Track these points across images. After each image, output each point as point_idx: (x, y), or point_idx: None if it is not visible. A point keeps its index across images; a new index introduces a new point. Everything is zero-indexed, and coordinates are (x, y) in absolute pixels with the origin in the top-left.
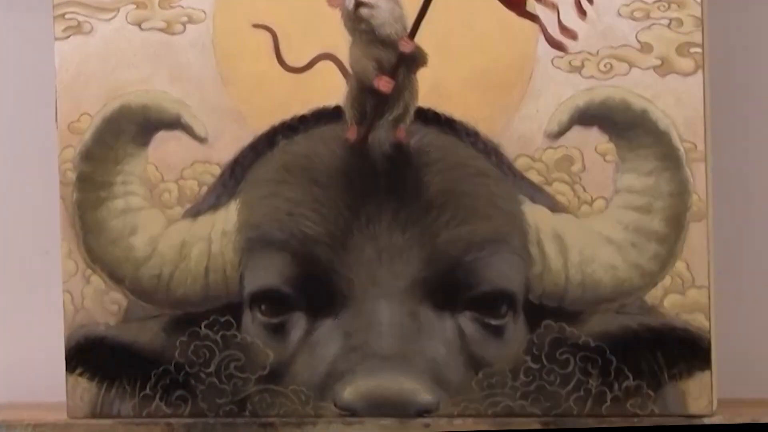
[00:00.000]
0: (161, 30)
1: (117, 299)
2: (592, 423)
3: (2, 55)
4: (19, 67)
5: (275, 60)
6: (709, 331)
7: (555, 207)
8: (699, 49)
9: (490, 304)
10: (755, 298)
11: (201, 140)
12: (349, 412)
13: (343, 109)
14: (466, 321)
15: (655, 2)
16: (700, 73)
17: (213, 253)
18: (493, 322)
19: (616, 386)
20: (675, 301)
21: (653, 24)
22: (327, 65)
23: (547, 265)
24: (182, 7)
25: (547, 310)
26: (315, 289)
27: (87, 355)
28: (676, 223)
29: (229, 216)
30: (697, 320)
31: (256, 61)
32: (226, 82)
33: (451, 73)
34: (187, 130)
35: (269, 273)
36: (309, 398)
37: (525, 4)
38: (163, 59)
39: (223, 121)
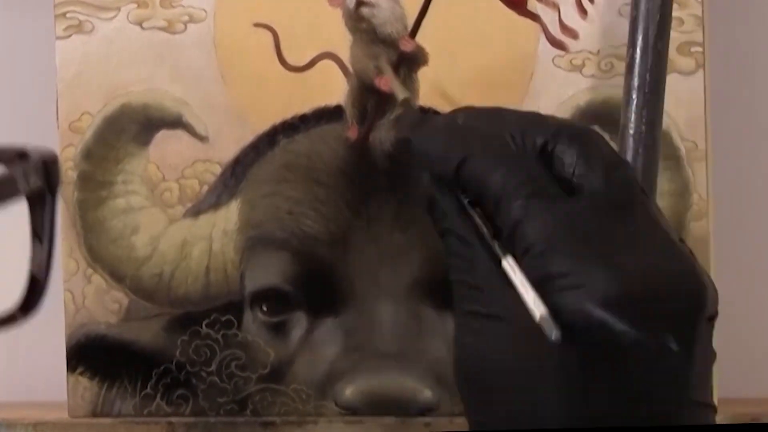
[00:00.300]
0: (162, 29)
1: (118, 298)
2: None
3: (3, 54)
4: (19, 66)
5: (276, 59)
6: None
7: None
8: (700, 49)
9: None
10: (755, 298)
11: (202, 139)
12: (350, 411)
13: (344, 108)
14: None
15: None
16: (700, 72)
17: (214, 252)
18: None
19: None
20: None
21: None
22: (328, 64)
23: None
24: (183, 6)
25: None
26: (316, 288)
27: (88, 354)
28: (677, 222)
29: (230, 215)
30: None
31: (257, 61)
32: (227, 81)
33: (452, 72)
34: (188, 129)
35: (270, 272)
36: (310, 397)
37: (526, 3)
38: (164, 58)
39: (224, 120)
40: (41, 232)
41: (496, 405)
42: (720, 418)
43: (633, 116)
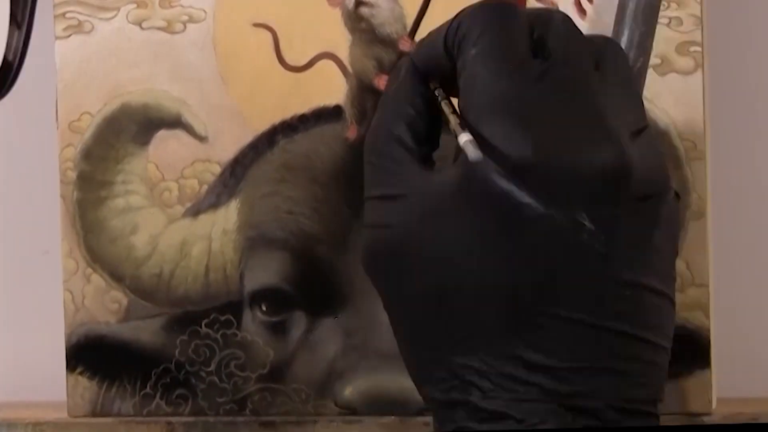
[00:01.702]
0: (162, 29)
1: (117, 298)
2: None
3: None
4: (19, 66)
5: (275, 59)
6: (709, 330)
7: None
8: (699, 48)
9: None
10: (755, 297)
11: (201, 139)
12: (350, 410)
13: (343, 108)
14: None
15: None
16: (699, 72)
17: (213, 252)
18: None
19: None
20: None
21: None
22: (327, 64)
23: None
24: (183, 6)
25: None
26: (315, 287)
27: (87, 353)
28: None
29: (229, 215)
30: (696, 318)
31: (256, 60)
32: (227, 81)
33: None
34: (188, 129)
35: (269, 272)
36: (309, 397)
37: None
38: (163, 58)
39: (224, 120)
40: (20, 18)
41: (406, 282)
42: (719, 418)
43: None
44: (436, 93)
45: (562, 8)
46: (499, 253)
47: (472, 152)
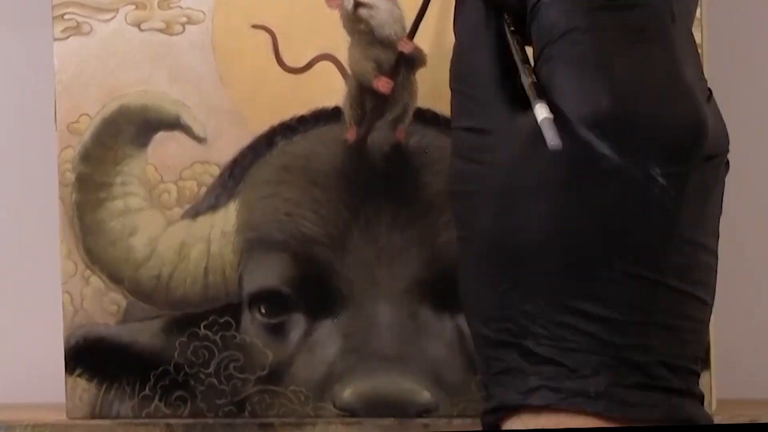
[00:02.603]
0: (160, 31)
1: (116, 300)
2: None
3: (1, 56)
4: (17, 68)
5: (274, 60)
6: (709, 332)
7: None
8: (699, 50)
9: None
10: (755, 298)
11: (200, 141)
12: (349, 412)
13: (342, 110)
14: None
15: None
16: None
17: (212, 254)
18: None
19: None
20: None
21: None
22: (326, 66)
23: None
24: (181, 7)
25: None
26: (314, 289)
27: (86, 355)
28: None
29: (228, 216)
30: None
31: (255, 62)
32: (226, 82)
33: None
34: (187, 130)
35: (268, 274)
36: (308, 399)
37: None
38: (162, 60)
39: (223, 122)
40: None
41: (480, 218)
42: (718, 419)
43: None
44: (510, 38)
45: None
46: (570, 203)
47: (551, 138)
